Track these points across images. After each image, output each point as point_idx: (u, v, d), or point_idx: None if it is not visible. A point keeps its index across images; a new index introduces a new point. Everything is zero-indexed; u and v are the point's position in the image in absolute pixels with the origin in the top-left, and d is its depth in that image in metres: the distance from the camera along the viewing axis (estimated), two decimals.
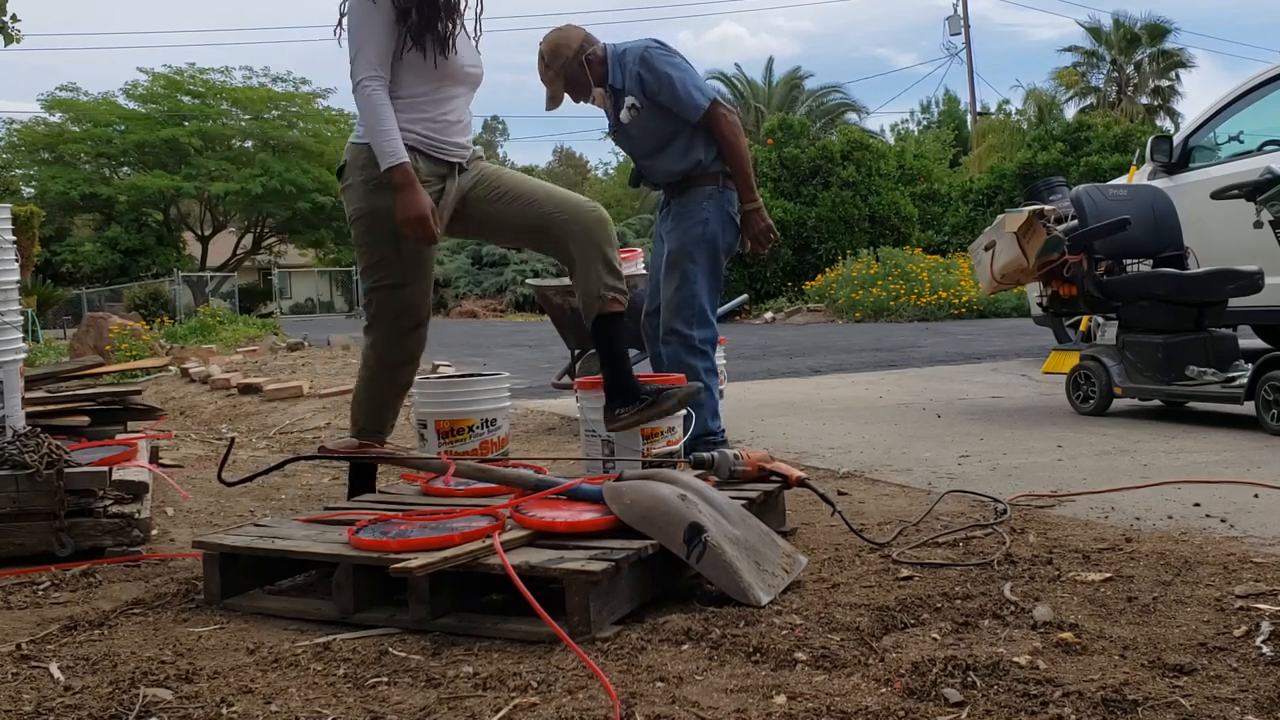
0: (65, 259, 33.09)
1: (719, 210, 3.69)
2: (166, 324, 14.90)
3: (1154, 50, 32.04)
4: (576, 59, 3.69)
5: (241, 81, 35.02)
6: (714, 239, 3.69)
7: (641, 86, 3.66)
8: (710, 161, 3.70)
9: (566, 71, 3.70)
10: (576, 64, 3.69)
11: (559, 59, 3.69)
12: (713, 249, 3.69)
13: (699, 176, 3.71)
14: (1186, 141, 6.40)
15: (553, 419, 5.51)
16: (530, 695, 1.71)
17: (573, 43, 3.71)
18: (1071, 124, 21.14)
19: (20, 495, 2.70)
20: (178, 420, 6.34)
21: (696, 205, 3.70)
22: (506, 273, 22.29)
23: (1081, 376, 4.97)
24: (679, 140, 3.70)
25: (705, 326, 3.67)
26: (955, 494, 3.25)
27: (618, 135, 3.86)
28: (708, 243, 3.68)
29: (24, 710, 1.72)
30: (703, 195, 3.70)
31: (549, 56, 3.71)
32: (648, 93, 3.66)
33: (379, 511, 2.55)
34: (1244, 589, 2.11)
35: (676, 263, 3.70)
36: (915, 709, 1.60)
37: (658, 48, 3.70)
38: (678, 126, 3.69)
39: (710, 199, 3.69)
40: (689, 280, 3.67)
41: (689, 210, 3.71)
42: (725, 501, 2.38)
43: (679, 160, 3.72)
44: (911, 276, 14.86)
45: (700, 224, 3.68)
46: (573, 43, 3.71)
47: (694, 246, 3.68)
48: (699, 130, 3.68)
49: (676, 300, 3.67)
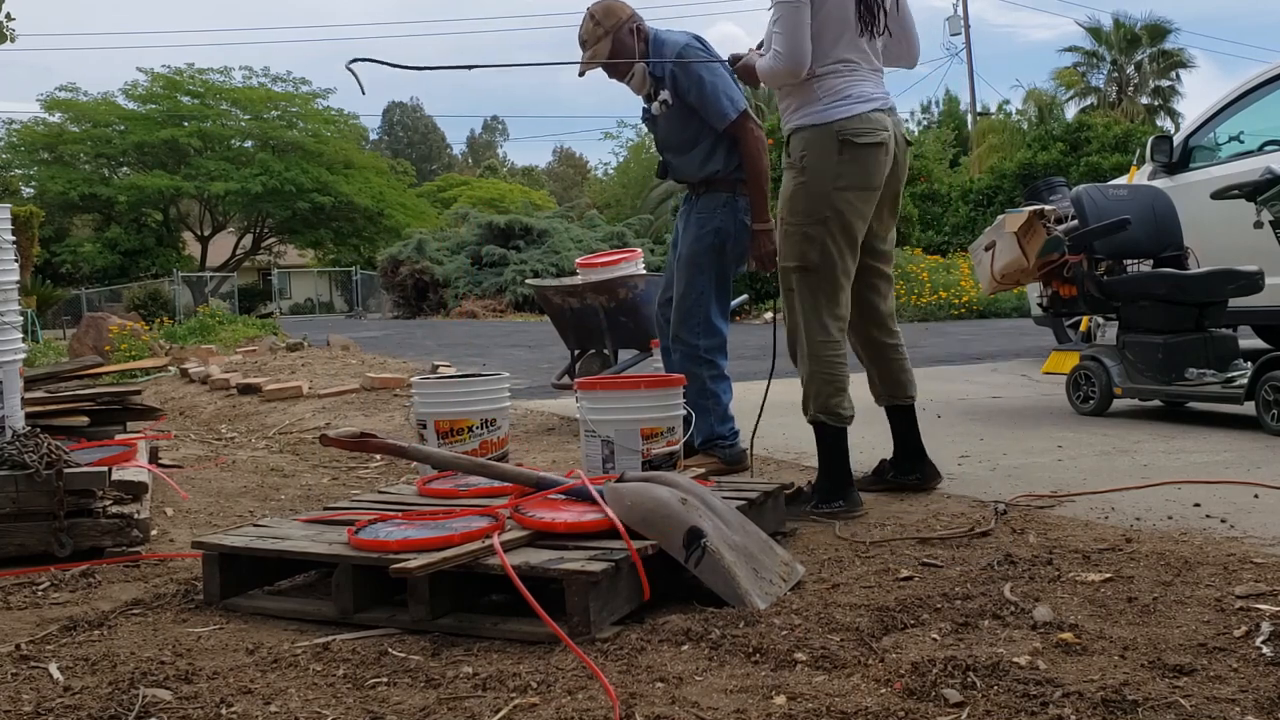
0: (65, 259, 33.08)
1: (733, 218, 3.66)
2: (166, 324, 14.90)
3: (1154, 50, 32.05)
4: (629, 24, 3.64)
5: (241, 82, 35.04)
6: (724, 246, 3.66)
7: (674, 84, 3.61)
8: (729, 170, 3.66)
9: (617, 34, 3.62)
10: (628, 29, 3.63)
11: (612, 18, 3.62)
12: (722, 257, 3.67)
13: (717, 182, 3.68)
14: (1186, 141, 6.39)
15: (552, 419, 5.50)
16: (530, 696, 1.71)
17: (626, 9, 3.68)
18: (1071, 124, 21.17)
19: (20, 495, 2.70)
20: (177, 420, 6.34)
21: (710, 212, 3.68)
22: (506, 273, 22.25)
23: (1081, 377, 4.97)
24: (702, 144, 3.66)
25: (711, 335, 3.66)
26: (955, 494, 3.25)
27: (650, 123, 3.85)
28: (717, 251, 3.66)
29: (24, 710, 1.72)
30: (718, 202, 3.67)
31: (601, 15, 3.64)
32: (679, 91, 3.62)
33: (379, 511, 2.55)
34: (1244, 589, 2.11)
35: (685, 270, 3.68)
36: (915, 709, 1.60)
37: (697, 46, 3.64)
38: (703, 130, 3.64)
39: (725, 206, 3.66)
40: (695, 289, 3.65)
41: (703, 216, 3.69)
42: (726, 507, 2.39)
43: (698, 167, 3.69)
44: (912, 277, 14.85)
45: (712, 232, 3.65)
46: (626, 9, 3.68)
47: (704, 255, 3.66)
48: (723, 138, 3.63)
49: (683, 309, 3.67)
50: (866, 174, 2.96)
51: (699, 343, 3.64)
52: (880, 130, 2.97)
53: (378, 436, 2.70)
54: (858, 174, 2.95)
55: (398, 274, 24.18)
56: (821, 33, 2.94)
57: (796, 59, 2.91)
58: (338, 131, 36.68)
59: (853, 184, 2.96)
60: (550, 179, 57.03)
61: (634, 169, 33.24)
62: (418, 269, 23.77)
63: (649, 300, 4.68)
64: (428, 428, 3.54)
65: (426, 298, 23.79)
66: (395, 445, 2.70)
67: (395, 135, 65.86)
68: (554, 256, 22.19)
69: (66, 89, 33.46)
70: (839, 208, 2.97)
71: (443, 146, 68.07)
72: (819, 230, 2.98)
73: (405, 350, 11.10)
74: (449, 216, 30.97)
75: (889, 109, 3.04)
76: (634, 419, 3.10)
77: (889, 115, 3.03)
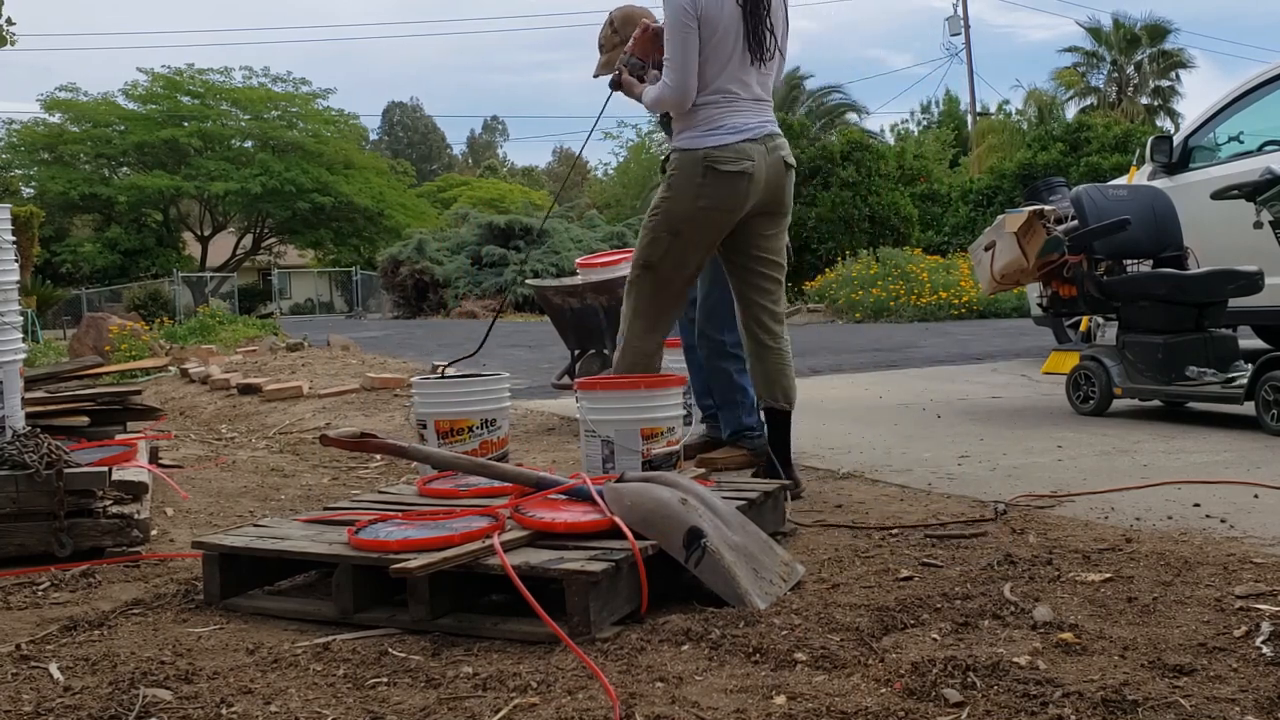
0: (65, 259, 33.08)
1: None
2: (166, 324, 14.89)
3: (1154, 50, 32.05)
4: None
5: (241, 82, 35.04)
6: None
7: None
8: None
9: None
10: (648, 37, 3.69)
11: (630, 26, 3.66)
12: None
13: None
14: (1186, 142, 6.39)
15: (552, 419, 5.50)
16: (530, 695, 1.71)
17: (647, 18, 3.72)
18: (1071, 124, 21.16)
19: (20, 495, 2.70)
20: (177, 421, 6.34)
21: None
22: (506, 273, 22.26)
23: (1081, 377, 4.97)
24: None
25: (736, 330, 3.70)
26: (955, 494, 3.25)
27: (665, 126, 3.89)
28: None
29: (24, 710, 1.72)
30: None
31: (620, 23, 3.72)
32: None
33: (379, 511, 2.55)
34: (1244, 589, 2.11)
35: (709, 267, 3.72)
36: (915, 709, 1.60)
37: None
38: None
39: None
40: (719, 285, 3.72)
41: None
42: (726, 507, 2.39)
43: None
44: (911, 277, 14.84)
45: None
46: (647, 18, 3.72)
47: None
48: None
49: (708, 305, 3.75)
50: (725, 197, 3.19)
51: (724, 338, 3.71)
52: (744, 160, 3.17)
53: (378, 436, 2.70)
54: (717, 196, 3.18)
55: (398, 274, 24.18)
56: (708, 64, 3.15)
57: (683, 92, 3.14)
58: (338, 131, 36.68)
59: (712, 205, 3.19)
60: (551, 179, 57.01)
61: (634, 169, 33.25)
62: (418, 269, 23.78)
63: None
64: (428, 428, 3.54)
65: (426, 298, 23.80)
66: (395, 445, 2.70)
67: (395, 135, 65.86)
68: (554, 256, 22.20)
69: (66, 89, 33.46)
70: (695, 223, 3.22)
71: (443, 146, 68.07)
72: (670, 239, 3.24)
73: (405, 350, 11.10)
74: (449, 217, 30.96)
75: (763, 137, 3.22)
76: (634, 419, 3.10)
77: (761, 144, 3.21)
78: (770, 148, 3.24)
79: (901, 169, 20.01)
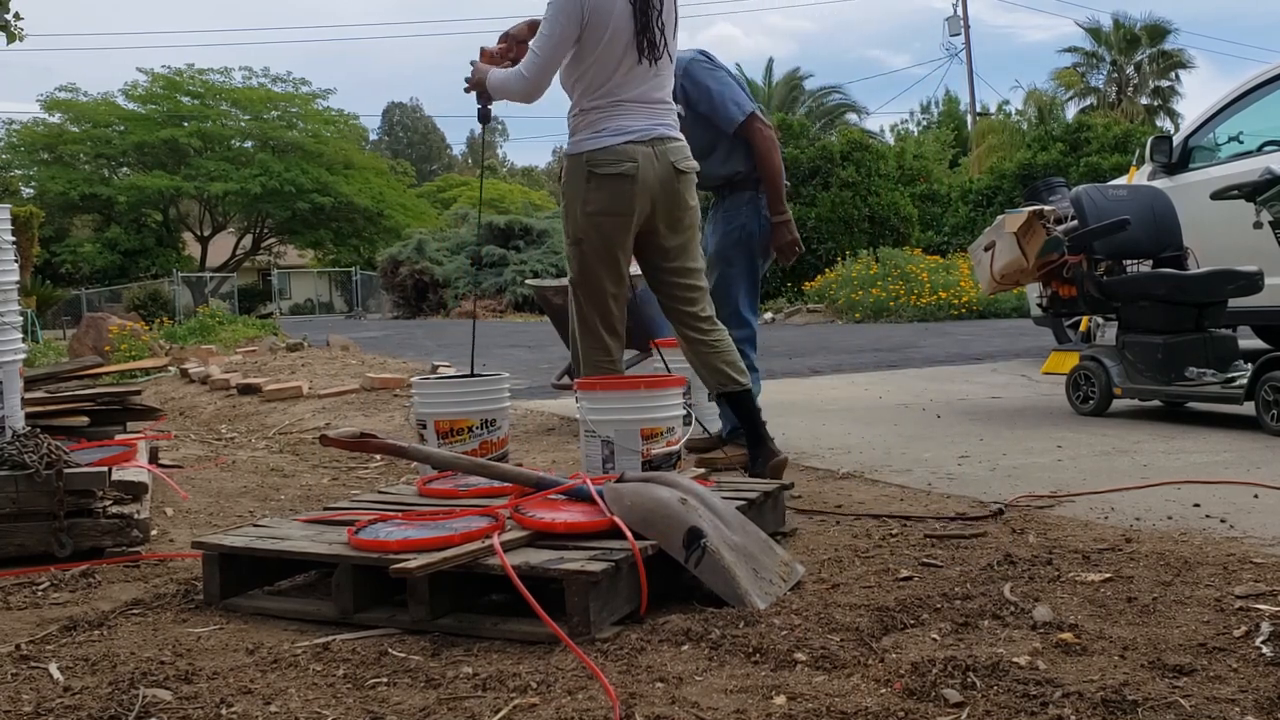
0: (65, 259, 33.09)
1: (756, 214, 3.91)
2: (166, 324, 14.90)
3: (1154, 51, 32.04)
4: None
5: (241, 82, 35.06)
6: (750, 241, 3.91)
7: (685, 96, 3.80)
8: (750, 169, 3.89)
9: None
10: None
11: None
12: (749, 251, 3.93)
13: (740, 182, 3.92)
14: (1186, 142, 6.40)
15: (552, 419, 5.50)
16: (530, 696, 1.71)
17: None
18: (1071, 124, 21.15)
19: (20, 495, 2.70)
20: (177, 421, 6.34)
21: (736, 210, 3.93)
22: (506, 273, 22.27)
23: (1081, 377, 4.97)
24: (720, 148, 3.88)
25: (741, 327, 3.88)
26: (955, 494, 3.25)
27: None
28: (744, 245, 3.91)
29: (24, 710, 1.72)
30: (742, 200, 3.93)
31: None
32: (690, 102, 3.81)
33: (379, 511, 2.55)
34: (1244, 589, 2.11)
35: (715, 265, 3.91)
36: (915, 709, 1.60)
37: (703, 60, 3.88)
38: (718, 136, 3.86)
39: (749, 204, 3.92)
40: (725, 282, 3.90)
41: (729, 214, 3.94)
42: (726, 507, 2.39)
43: (719, 166, 3.91)
44: (911, 277, 14.84)
45: (738, 228, 3.91)
46: None
47: (731, 250, 3.92)
48: (739, 140, 3.85)
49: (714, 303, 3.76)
50: (608, 201, 3.12)
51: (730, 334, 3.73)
52: (625, 161, 3.08)
53: (378, 436, 2.70)
54: (603, 201, 3.12)
55: (398, 274, 24.20)
56: (595, 67, 3.08)
57: (534, 86, 3.10)
58: (338, 132, 36.71)
59: (600, 210, 3.13)
60: (550, 179, 56.97)
61: None
62: (417, 269, 23.79)
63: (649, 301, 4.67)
64: (428, 428, 3.54)
65: (426, 298, 23.81)
66: (395, 445, 2.70)
67: (395, 135, 65.85)
68: (554, 257, 22.20)
69: (66, 89, 33.51)
70: (590, 232, 3.17)
71: (443, 147, 68.06)
72: (576, 251, 3.23)
73: (405, 351, 11.11)
74: (449, 217, 30.97)
75: (651, 139, 3.13)
76: (634, 419, 3.10)
77: (648, 146, 3.13)
78: (660, 151, 3.14)
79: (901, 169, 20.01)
